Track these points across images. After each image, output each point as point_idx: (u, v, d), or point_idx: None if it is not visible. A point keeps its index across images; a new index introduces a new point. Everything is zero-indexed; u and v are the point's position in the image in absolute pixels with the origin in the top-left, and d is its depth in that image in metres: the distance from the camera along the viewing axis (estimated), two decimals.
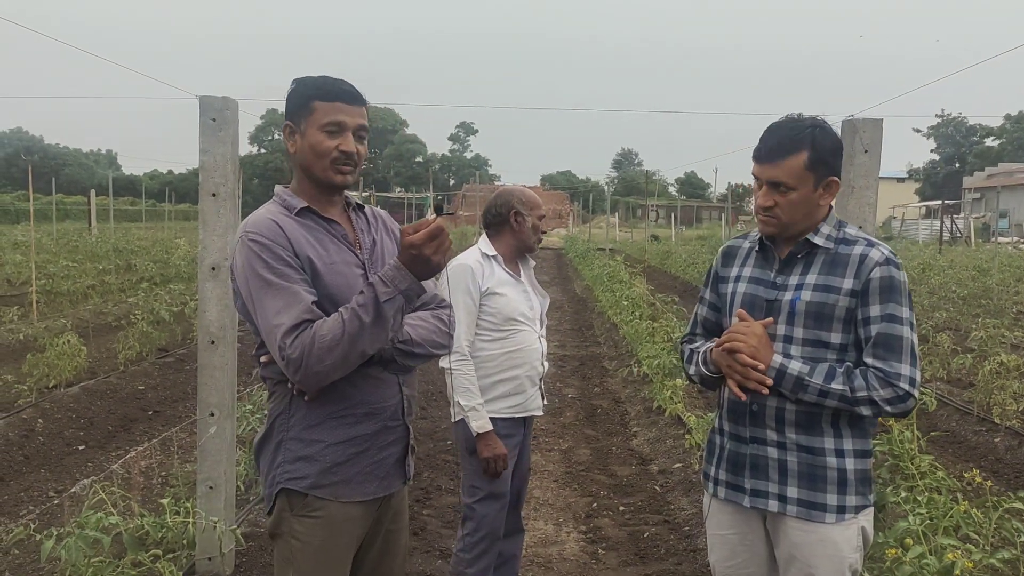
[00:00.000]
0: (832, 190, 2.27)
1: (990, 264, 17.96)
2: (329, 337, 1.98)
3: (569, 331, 12.55)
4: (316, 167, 2.16)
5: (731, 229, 33.48)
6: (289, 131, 2.19)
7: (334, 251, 2.18)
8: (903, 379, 2.14)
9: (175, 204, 47.43)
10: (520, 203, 3.46)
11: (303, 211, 2.18)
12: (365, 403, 2.20)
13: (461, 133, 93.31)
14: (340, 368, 2.03)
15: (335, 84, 2.17)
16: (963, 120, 67.95)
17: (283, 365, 2.02)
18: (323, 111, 2.13)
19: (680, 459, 5.95)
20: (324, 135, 2.13)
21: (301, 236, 2.13)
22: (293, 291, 2.04)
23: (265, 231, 2.08)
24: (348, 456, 2.19)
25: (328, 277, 2.12)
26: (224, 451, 3.89)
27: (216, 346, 3.81)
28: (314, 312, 2.03)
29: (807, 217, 2.26)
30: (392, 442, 2.28)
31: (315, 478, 2.17)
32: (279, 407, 2.20)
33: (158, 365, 9.00)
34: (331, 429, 2.17)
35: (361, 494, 2.22)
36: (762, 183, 2.26)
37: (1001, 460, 6.30)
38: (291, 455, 2.18)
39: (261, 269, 2.05)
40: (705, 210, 75.30)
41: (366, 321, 1.99)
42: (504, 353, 3.38)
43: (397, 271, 2.02)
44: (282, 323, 2.00)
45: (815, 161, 2.20)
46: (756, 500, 2.31)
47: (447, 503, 5.22)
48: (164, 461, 5.82)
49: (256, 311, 2.06)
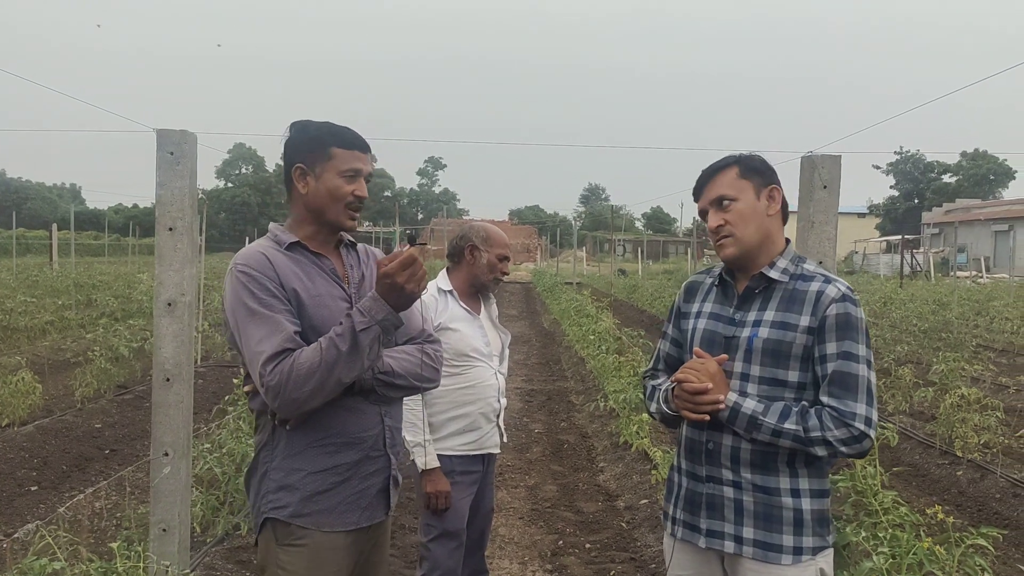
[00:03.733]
0: (776, 199, 2.29)
1: (950, 298, 18.27)
2: (307, 365, 2.04)
3: (536, 365, 12.51)
4: (331, 210, 2.25)
5: (697, 263, 33.77)
6: (300, 173, 2.25)
7: (321, 284, 2.24)
8: (858, 419, 2.11)
9: (139, 238, 46.81)
10: (479, 238, 3.42)
11: (292, 245, 2.25)
12: (345, 432, 2.23)
13: (429, 168, 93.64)
14: (318, 396, 2.07)
15: (352, 134, 2.28)
16: (921, 157, 69.38)
17: (263, 392, 2.07)
18: (343, 158, 2.23)
19: (647, 495, 5.91)
20: (343, 180, 2.23)
21: (288, 269, 2.19)
22: (276, 320, 2.10)
23: (253, 263, 2.16)
24: (329, 485, 2.22)
25: (313, 309, 2.18)
26: (179, 492, 3.78)
27: (171, 384, 3.72)
28: (296, 341, 2.09)
29: (760, 232, 2.26)
30: (374, 472, 2.30)
31: (296, 506, 2.20)
32: (263, 437, 2.25)
33: (116, 402, 8.80)
34: (311, 458, 2.21)
35: (343, 523, 2.24)
36: (708, 210, 2.30)
37: (964, 493, 6.34)
38: (274, 484, 2.22)
39: (247, 299, 2.12)
40: (671, 244, 75.95)
41: (343, 350, 2.05)
42: (457, 389, 3.34)
43: (374, 302, 2.09)
44: (263, 351, 2.06)
45: (746, 170, 2.27)
46: (712, 541, 2.27)
47: (410, 542, 5.12)
48: (118, 502, 5.66)
49: (241, 339, 2.12)
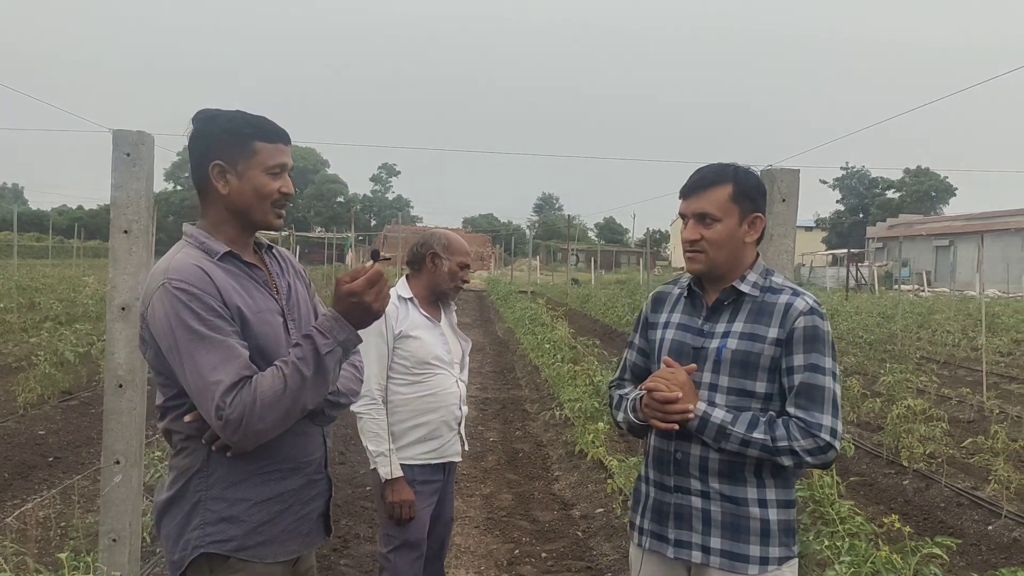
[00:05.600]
0: (757, 228, 2.30)
1: (894, 311, 18.72)
2: (271, 394, 1.87)
3: (491, 374, 12.49)
4: (256, 209, 2.06)
5: (649, 274, 34.10)
6: (219, 170, 2.03)
7: (259, 298, 2.07)
8: (824, 429, 2.15)
9: (85, 241, 45.79)
10: (440, 246, 3.40)
11: (226, 256, 2.04)
12: (292, 458, 2.09)
13: (383, 174, 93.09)
14: (280, 426, 1.93)
15: (273, 125, 2.08)
16: (866, 173, 71.20)
17: (219, 425, 1.87)
18: (267, 153, 2.04)
19: (602, 503, 5.93)
20: (269, 177, 2.04)
21: (228, 284, 1.99)
22: (228, 345, 1.90)
23: (191, 279, 1.93)
24: (273, 514, 2.07)
25: (257, 327, 2.01)
26: (130, 501, 3.68)
27: (124, 390, 3.63)
28: (252, 368, 1.91)
29: (732, 256, 2.28)
30: (315, 496, 2.18)
31: (241, 540, 2.02)
32: (194, 464, 2.03)
33: (61, 409, 8.56)
34: (256, 486, 2.04)
35: (285, 553, 2.11)
36: (688, 218, 2.29)
37: (910, 502, 6.49)
38: (213, 516, 2.01)
39: (191, 320, 1.89)
40: (624, 255, 76.67)
41: (307, 375, 1.90)
42: (418, 397, 3.31)
43: (335, 321, 1.94)
44: (220, 380, 1.86)
45: (739, 194, 2.25)
46: (680, 551, 2.28)
47: (365, 552, 5.07)
48: (64, 512, 5.50)
49: (185, 366, 1.90)
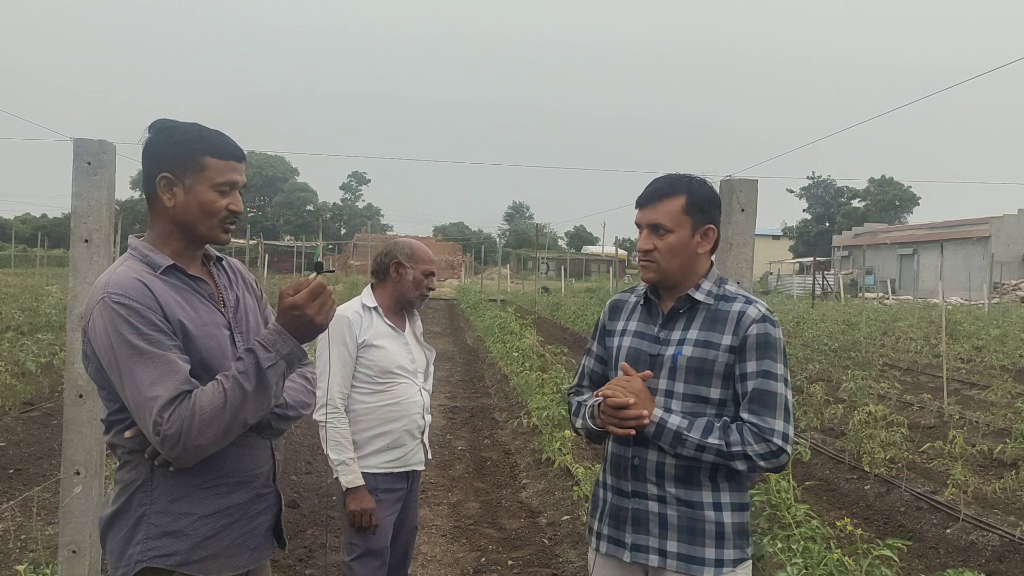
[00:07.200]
0: (710, 239, 2.35)
1: (858, 318, 19.00)
2: (210, 409, 1.85)
3: (460, 382, 12.49)
4: (202, 225, 2.03)
5: (619, 282, 34.27)
6: (166, 183, 2.01)
7: (204, 312, 2.04)
8: (776, 435, 2.21)
9: (48, 249, 45.10)
10: (404, 255, 3.42)
11: (169, 269, 2.02)
12: (238, 471, 2.08)
13: (353, 182, 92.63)
14: (221, 441, 1.91)
15: (227, 141, 2.06)
16: (832, 182, 72.21)
17: (157, 440, 1.86)
18: (217, 169, 2.01)
19: (568, 511, 5.96)
20: (217, 194, 2.02)
21: (170, 298, 1.97)
22: (168, 360, 1.88)
23: (132, 292, 1.91)
24: (218, 528, 2.05)
25: (201, 341, 1.99)
26: (90, 512, 3.65)
27: (84, 400, 3.60)
28: (191, 382, 1.89)
29: (685, 266, 2.33)
30: (263, 510, 2.16)
31: (184, 554, 2.00)
32: (137, 477, 2.01)
33: (22, 420, 8.42)
34: (201, 500, 2.02)
35: (231, 568, 2.09)
36: (643, 228, 2.34)
37: (871, 507, 6.59)
38: (156, 530, 1.99)
39: (130, 335, 1.87)
40: (594, 263, 76.93)
41: (248, 390, 1.88)
42: (382, 406, 3.33)
43: (278, 335, 1.93)
44: (158, 395, 1.84)
45: (692, 205, 2.30)
46: (637, 555, 2.32)
47: (331, 562, 5.05)
48: (24, 524, 5.43)
49: (124, 381, 1.88)
